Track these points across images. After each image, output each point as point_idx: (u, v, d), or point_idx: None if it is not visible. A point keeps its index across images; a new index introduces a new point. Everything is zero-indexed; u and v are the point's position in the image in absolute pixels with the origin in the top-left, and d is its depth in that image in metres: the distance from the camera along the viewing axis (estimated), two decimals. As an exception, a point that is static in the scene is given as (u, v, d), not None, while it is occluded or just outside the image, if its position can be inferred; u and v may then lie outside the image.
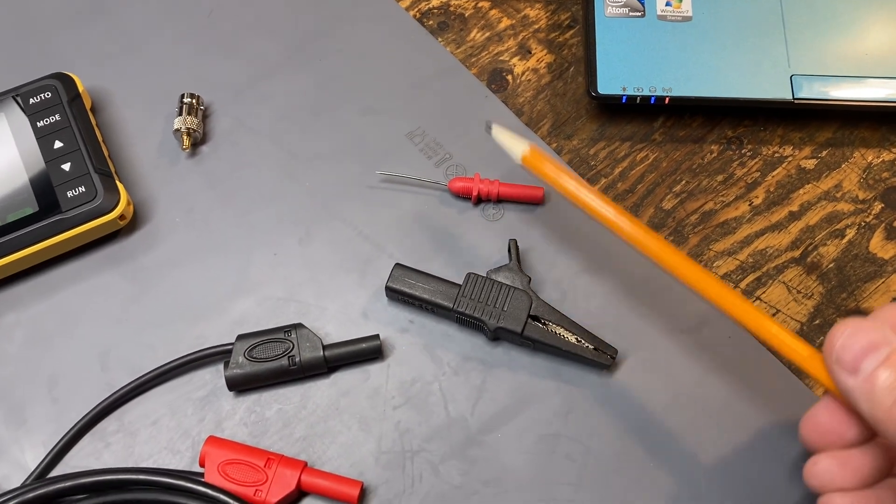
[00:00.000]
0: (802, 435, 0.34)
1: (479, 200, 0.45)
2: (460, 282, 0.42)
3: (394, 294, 0.42)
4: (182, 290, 0.43)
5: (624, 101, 0.46)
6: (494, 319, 0.41)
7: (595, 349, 0.41)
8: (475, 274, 0.42)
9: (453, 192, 0.45)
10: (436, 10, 0.51)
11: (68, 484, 0.37)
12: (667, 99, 0.46)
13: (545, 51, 0.50)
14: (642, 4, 0.48)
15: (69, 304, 0.43)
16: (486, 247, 0.44)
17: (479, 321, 0.41)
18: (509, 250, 0.43)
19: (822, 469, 0.33)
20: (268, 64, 0.49)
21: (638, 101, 0.46)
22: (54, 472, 0.39)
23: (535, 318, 0.41)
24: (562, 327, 0.41)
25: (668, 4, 0.48)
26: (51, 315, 0.43)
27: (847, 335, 0.31)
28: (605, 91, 0.46)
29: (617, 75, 0.46)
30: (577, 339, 0.41)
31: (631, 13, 0.48)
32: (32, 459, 0.40)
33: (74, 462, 0.40)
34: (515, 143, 0.38)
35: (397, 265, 0.42)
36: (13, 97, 0.45)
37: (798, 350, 0.33)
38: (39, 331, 0.42)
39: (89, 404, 0.40)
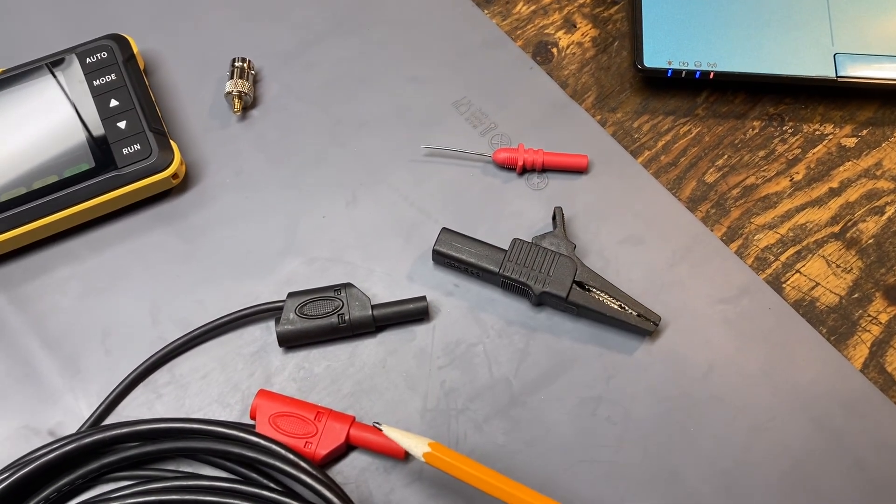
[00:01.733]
0: None
1: (524, 170, 0.46)
2: (506, 248, 0.43)
3: (440, 257, 0.43)
4: (231, 249, 0.44)
5: (669, 74, 0.46)
6: (540, 284, 0.41)
7: (638, 315, 0.41)
8: (521, 240, 0.43)
9: (498, 163, 0.46)
10: (482, -17, 0.52)
11: (123, 431, 0.38)
12: (711, 74, 0.46)
13: (590, 25, 0.51)
14: (689, -20, 0.48)
15: (121, 259, 0.44)
16: (531, 215, 0.45)
17: (524, 286, 0.42)
18: (554, 217, 0.44)
19: None
20: (316, 31, 0.50)
21: (683, 76, 0.46)
22: (108, 421, 0.40)
23: (580, 285, 0.42)
24: (606, 294, 0.42)
25: (714, -19, 0.48)
26: (104, 270, 0.44)
27: None
28: (651, 64, 0.46)
29: (663, 48, 0.47)
30: (620, 305, 0.41)
31: (678, -12, 0.48)
32: (87, 407, 0.41)
33: (127, 412, 0.41)
34: (413, 441, 0.36)
35: (444, 229, 0.43)
36: (71, 56, 0.45)
37: None
38: (93, 285, 0.43)
39: (141, 357, 0.41)
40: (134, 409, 0.41)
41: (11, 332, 0.42)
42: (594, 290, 0.42)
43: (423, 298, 0.42)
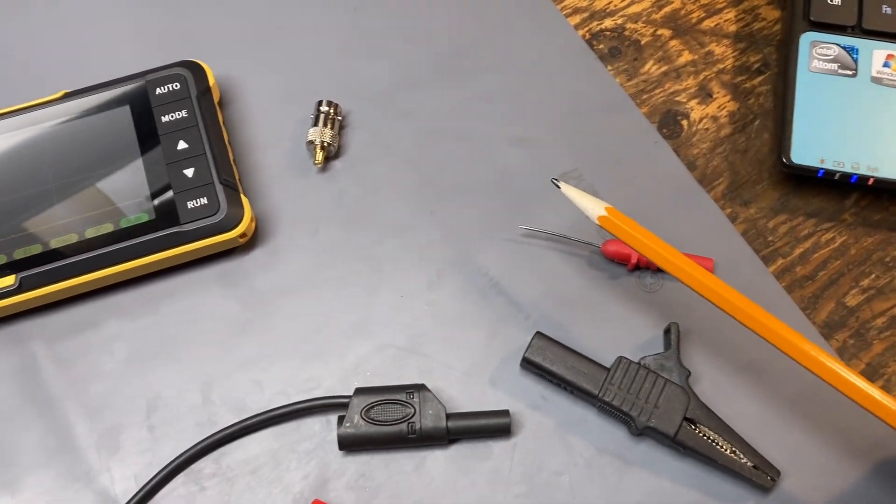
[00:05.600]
0: None
1: (637, 267, 0.40)
2: (606, 362, 0.37)
3: (530, 366, 0.38)
4: (297, 323, 0.39)
5: (820, 174, 0.39)
6: (645, 417, 0.36)
7: (754, 467, 0.36)
8: (626, 359, 0.37)
9: (607, 256, 0.40)
10: (608, 33, 0.45)
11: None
12: (871, 180, 0.39)
13: (728, 97, 0.44)
14: (855, 62, 0.41)
15: (174, 321, 0.39)
16: (639, 323, 0.39)
17: (626, 415, 0.36)
18: (667, 332, 0.38)
19: None
20: (413, 73, 0.44)
21: (836, 178, 0.39)
22: (143, 512, 0.36)
23: (691, 421, 0.36)
24: (719, 435, 0.36)
25: (886, 65, 0.41)
26: (154, 332, 0.39)
27: None
28: (799, 161, 0.39)
29: (815, 143, 0.40)
30: (734, 452, 0.36)
31: (840, 70, 0.41)
32: (122, 493, 0.37)
33: (165, 502, 0.37)
34: (590, 203, 0.35)
35: (538, 334, 0.37)
36: (139, 84, 0.40)
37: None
38: (141, 348, 0.39)
39: (186, 438, 0.37)
40: (173, 500, 0.37)
41: (50, 394, 0.38)
42: (706, 429, 0.36)
43: (506, 414, 0.37)
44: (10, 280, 0.37)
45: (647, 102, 0.44)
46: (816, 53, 0.41)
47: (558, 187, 0.36)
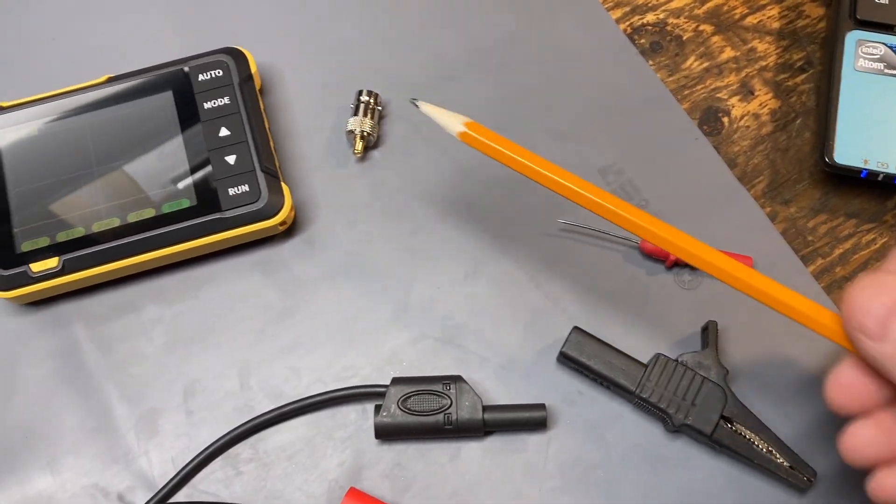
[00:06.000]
0: (829, 397, 0.30)
1: (675, 264, 0.40)
2: (643, 358, 0.37)
3: (567, 361, 0.38)
4: (334, 311, 0.40)
5: (864, 175, 0.39)
6: (682, 414, 0.36)
7: (791, 467, 0.35)
8: (664, 356, 0.37)
9: (645, 252, 0.40)
10: (650, 28, 0.45)
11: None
12: (916, 181, 0.39)
13: (770, 94, 0.43)
14: (903, 61, 0.41)
15: (213, 307, 0.40)
16: (676, 319, 0.39)
17: (663, 412, 0.36)
18: (705, 330, 0.38)
19: (862, 441, 0.29)
20: (454, 65, 0.44)
21: (880, 179, 0.39)
22: (180, 496, 0.37)
23: (727, 419, 0.36)
24: (756, 434, 0.36)
25: (933, 65, 0.40)
26: (193, 317, 0.40)
27: (867, 296, 0.28)
28: (842, 161, 0.39)
29: (859, 143, 0.39)
30: (771, 451, 0.36)
31: (886, 70, 0.41)
32: (160, 476, 0.37)
33: (203, 486, 0.37)
34: (450, 119, 0.34)
35: (576, 329, 0.37)
36: (182, 70, 0.41)
37: (818, 319, 0.30)
38: (180, 333, 0.39)
39: (224, 423, 0.38)
40: (211, 483, 0.37)
41: (90, 375, 0.38)
42: (743, 428, 0.36)
43: (543, 408, 0.37)
44: (53, 262, 0.38)
45: (688, 98, 0.43)
46: (862, 52, 0.41)
47: (417, 106, 0.35)
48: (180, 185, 0.39)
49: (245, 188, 0.39)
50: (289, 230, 0.41)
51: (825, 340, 0.30)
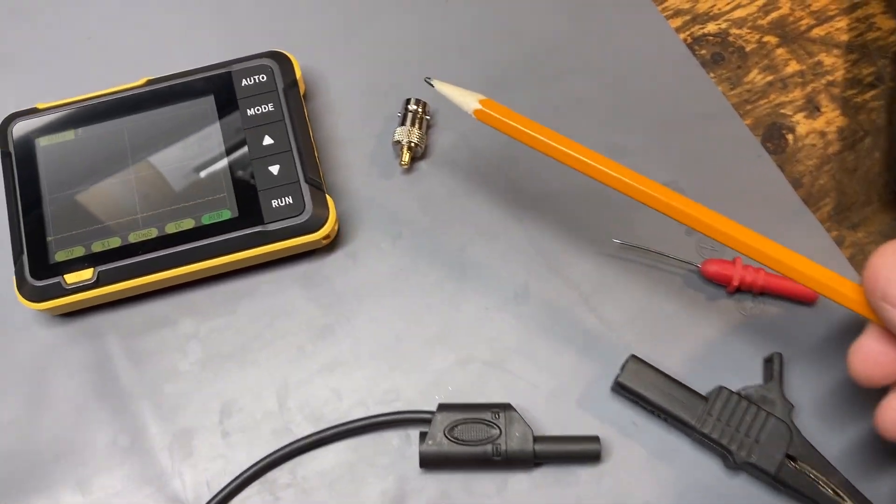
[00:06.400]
0: (853, 368, 0.30)
1: (737, 290, 0.38)
2: (701, 388, 0.35)
3: (623, 390, 0.36)
4: (377, 330, 0.38)
5: (940, 201, 0.37)
6: (744, 451, 0.34)
7: (859, 511, 0.34)
8: (726, 389, 0.35)
9: (706, 277, 0.38)
10: (711, 38, 0.43)
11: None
12: None
13: (838, 111, 0.41)
14: (983, 81, 0.38)
15: (252, 322, 0.38)
16: (737, 347, 0.37)
17: (724, 449, 0.34)
18: (769, 361, 0.36)
19: None
20: (506, 72, 0.42)
21: (958, 205, 0.37)
22: (216, 520, 0.35)
23: (792, 458, 0.34)
24: (823, 475, 0.34)
25: None
26: (230, 333, 0.38)
27: (891, 265, 0.27)
28: (918, 185, 0.37)
29: (936, 166, 0.37)
30: (837, 493, 0.34)
31: (966, 88, 0.38)
32: (194, 499, 0.35)
33: (239, 511, 0.35)
34: (465, 97, 0.34)
35: (633, 358, 0.36)
36: (225, 74, 0.39)
37: (838, 288, 0.29)
38: (216, 349, 0.38)
39: (261, 445, 0.36)
40: (246, 509, 0.35)
41: (123, 391, 0.37)
42: (809, 468, 0.34)
43: (596, 440, 0.35)
44: (87, 274, 0.36)
45: (751, 114, 0.41)
46: (940, 70, 0.39)
47: (432, 86, 0.35)
48: (221, 196, 0.37)
49: (289, 200, 0.37)
50: (331, 243, 0.39)
51: None
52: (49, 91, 0.41)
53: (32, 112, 0.39)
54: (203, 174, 0.37)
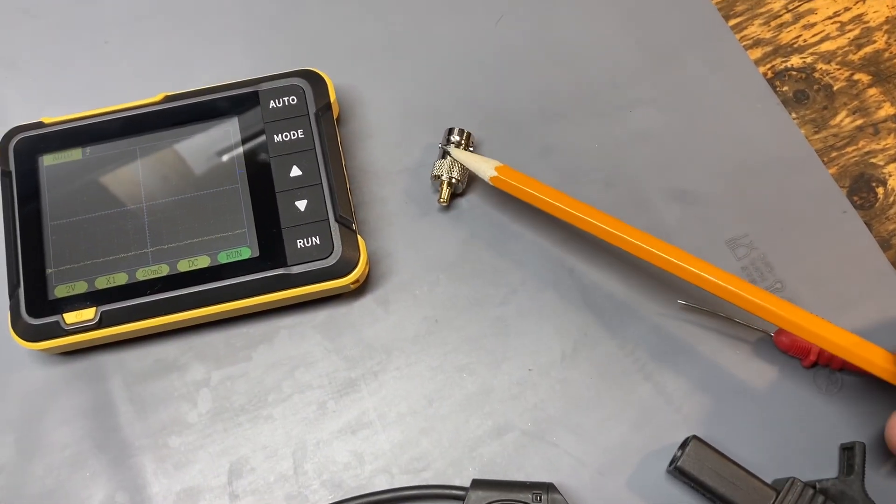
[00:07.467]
0: (890, 439, 0.30)
1: (815, 364, 0.33)
2: (768, 475, 0.31)
3: (681, 475, 0.32)
4: (407, 388, 0.34)
5: None
6: (819, 557, 0.30)
7: None
8: (800, 481, 0.31)
9: (779, 347, 0.34)
10: (794, 73, 0.38)
11: None
12: None
13: (936, 163, 0.37)
14: None
15: (268, 372, 0.34)
16: (813, 431, 0.33)
17: (796, 553, 0.30)
18: (848, 450, 0.32)
19: None
20: (559, 102, 0.38)
21: None
22: None
23: (871, 565, 0.30)
24: (907, 589, 0.30)
25: None
26: (244, 381, 0.34)
27: None
28: None
29: None
30: None
31: None
32: (197, 571, 0.32)
33: (245, 587, 0.32)
34: (482, 164, 0.34)
35: (695, 439, 0.31)
36: (251, 93, 0.35)
37: (868, 357, 0.29)
38: (229, 399, 0.34)
39: (273, 513, 0.32)
40: (253, 584, 0.32)
41: (124, 441, 0.33)
42: (892, 580, 0.30)
43: (650, 532, 0.31)
44: (89, 313, 0.32)
45: (837, 162, 0.37)
46: None
47: (448, 153, 0.35)
48: (241, 231, 0.33)
49: (316, 240, 0.33)
50: (360, 287, 0.35)
51: None
52: (56, 102, 0.37)
53: (37, 126, 0.35)
54: (221, 205, 0.34)
